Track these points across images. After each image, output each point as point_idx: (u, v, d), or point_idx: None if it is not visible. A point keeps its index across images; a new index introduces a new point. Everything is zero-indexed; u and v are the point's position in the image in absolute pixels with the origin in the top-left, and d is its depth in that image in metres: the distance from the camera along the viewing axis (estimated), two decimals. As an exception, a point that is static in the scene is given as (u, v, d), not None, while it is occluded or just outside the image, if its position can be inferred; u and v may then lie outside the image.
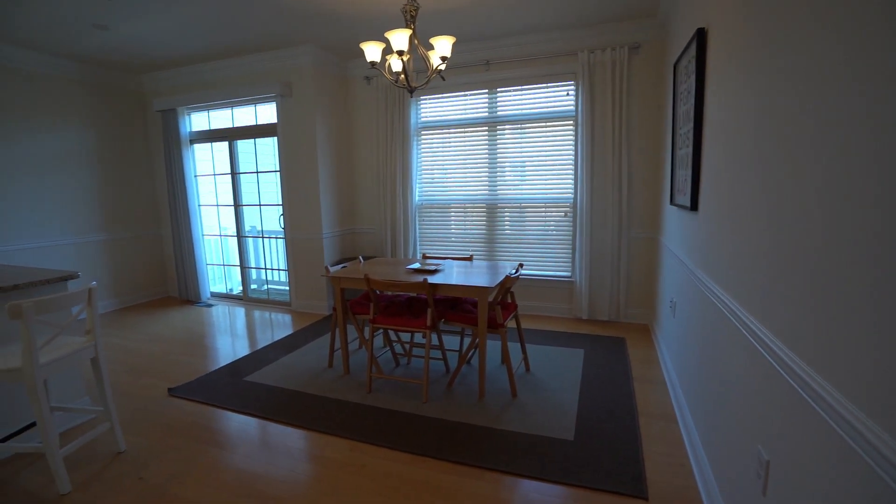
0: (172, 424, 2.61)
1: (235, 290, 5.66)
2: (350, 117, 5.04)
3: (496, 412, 2.63)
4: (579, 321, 4.31)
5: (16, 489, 2.09)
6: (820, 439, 0.99)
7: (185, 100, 4.94)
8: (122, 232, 5.20)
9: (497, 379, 3.07)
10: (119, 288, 5.20)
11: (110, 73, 4.95)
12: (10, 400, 2.39)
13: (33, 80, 4.33)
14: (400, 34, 2.46)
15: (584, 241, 4.16)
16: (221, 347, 3.87)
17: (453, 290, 2.72)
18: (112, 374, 3.34)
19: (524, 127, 4.36)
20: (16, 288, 2.30)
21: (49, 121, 4.46)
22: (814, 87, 1.07)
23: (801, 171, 1.13)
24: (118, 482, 2.12)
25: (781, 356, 1.18)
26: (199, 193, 5.39)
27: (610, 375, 3.08)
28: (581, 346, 3.65)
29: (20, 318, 1.89)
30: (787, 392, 1.16)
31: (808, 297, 1.07)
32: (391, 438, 2.38)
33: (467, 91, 4.50)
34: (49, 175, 4.48)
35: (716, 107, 1.98)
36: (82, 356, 2.18)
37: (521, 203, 4.48)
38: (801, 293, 1.11)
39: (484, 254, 4.70)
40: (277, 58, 4.47)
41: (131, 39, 3.99)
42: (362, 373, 3.21)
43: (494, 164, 4.51)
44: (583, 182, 4.09)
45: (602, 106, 3.98)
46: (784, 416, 1.18)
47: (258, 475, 2.14)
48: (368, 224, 5.17)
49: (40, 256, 4.43)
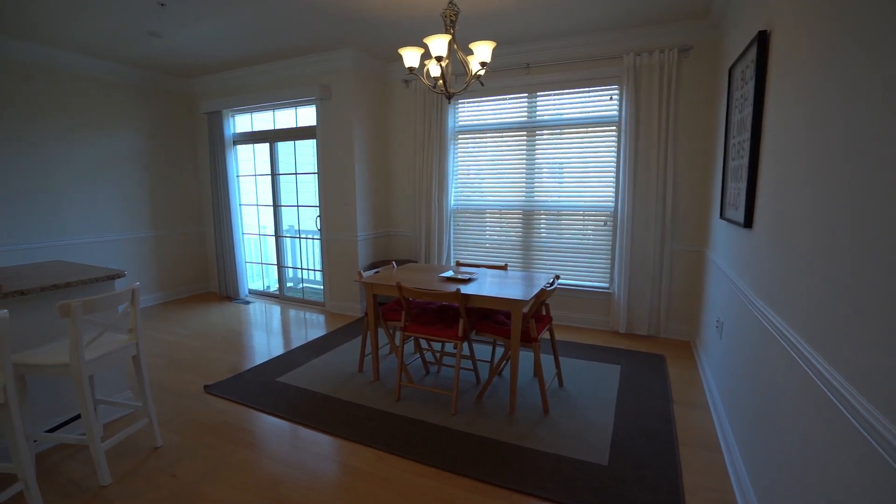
0: (206, 422, 2.68)
1: (272, 288, 5.80)
2: (388, 120, 5.05)
3: (526, 429, 2.54)
4: (616, 335, 4.14)
5: (61, 477, 2.19)
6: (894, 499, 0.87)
7: (229, 102, 5.10)
8: (169, 229, 5.43)
9: (528, 393, 2.98)
10: (164, 282, 5.43)
11: (162, 78, 5.17)
12: (58, 392, 2.51)
13: (92, 85, 4.57)
14: (439, 40, 2.41)
15: (624, 251, 3.99)
16: (257, 346, 3.96)
17: (486, 302, 2.65)
18: (153, 368, 3.47)
19: (564, 132, 4.23)
20: (68, 286, 2.41)
21: (105, 123, 4.70)
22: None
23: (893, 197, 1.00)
24: (153, 477, 2.18)
25: (854, 404, 1.05)
26: (240, 193, 5.55)
27: (648, 395, 2.93)
28: (617, 361, 3.50)
29: (69, 317, 1.97)
30: (859, 443, 1.03)
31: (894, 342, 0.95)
32: (418, 451, 2.34)
33: (506, 95, 4.41)
34: (104, 174, 4.73)
35: (779, 116, 1.83)
36: (125, 354, 2.26)
37: (558, 210, 4.35)
38: (888, 338, 0.98)
39: (519, 261, 4.60)
40: (318, 61, 4.54)
41: (182, 46, 4.15)
42: (392, 379, 3.19)
43: (532, 169, 4.41)
44: (624, 190, 3.93)
45: (648, 111, 3.80)
46: (852, 468, 1.05)
47: (284, 480, 2.15)
48: (403, 228, 5.17)
49: (94, 251, 4.68)
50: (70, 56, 4.29)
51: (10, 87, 3.98)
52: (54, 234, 4.36)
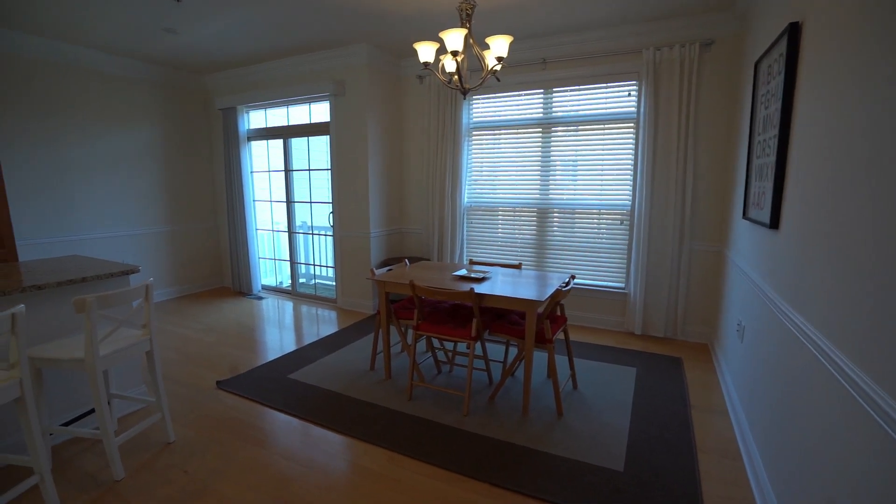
0: (218, 418, 2.68)
1: (285, 284, 5.81)
2: (401, 116, 5.02)
3: (540, 432, 2.50)
4: (632, 336, 4.06)
5: (76, 470, 2.21)
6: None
7: (244, 98, 5.11)
8: (183, 224, 5.48)
9: (542, 394, 2.93)
10: (178, 277, 5.48)
11: (178, 74, 5.20)
12: (74, 385, 2.54)
13: (109, 81, 4.61)
14: (455, 34, 2.37)
15: (641, 250, 3.91)
16: (269, 341, 3.97)
17: (501, 302, 2.61)
18: (167, 362, 3.49)
19: (580, 129, 4.15)
20: (84, 280, 2.43)
21: (122, 119, 4.75)
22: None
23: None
24: (166, 473, 2.19)
25: (887, 409, 0.99)
26: (254, 189, 5.58)
27: (665, 399, 2.86)
28: (633, 363, 3.43)
29: (84, 313, 1.98)
30: (892, 449, 0.97)
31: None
32: (429, 452, 2.31)
33: (521, 91, 4.34)
34: (121, 170, 4.78)
35: (810, 112, 1.75)
36: (139, 349, 2.26)
37: (573, 208, 4.28)
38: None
39: (532, 260, 4.54)
40: (331, 57, 4.52)
41: (197, 42, 4.15)
42: (403, 377, 3.17)
43: (547, 166, 4.34)
44: (642, 188, 3.84)
45: (667, 107, 3.70)
46: (884, 473, 0.99)
47: (294, 478, 2.14)
48: (416, 224, 5.14)
49: (111, 245, 4.74)
50: (88, 52, 4.33)
51: (28, 84, 4.03)
52: (70, 228, 4.41)
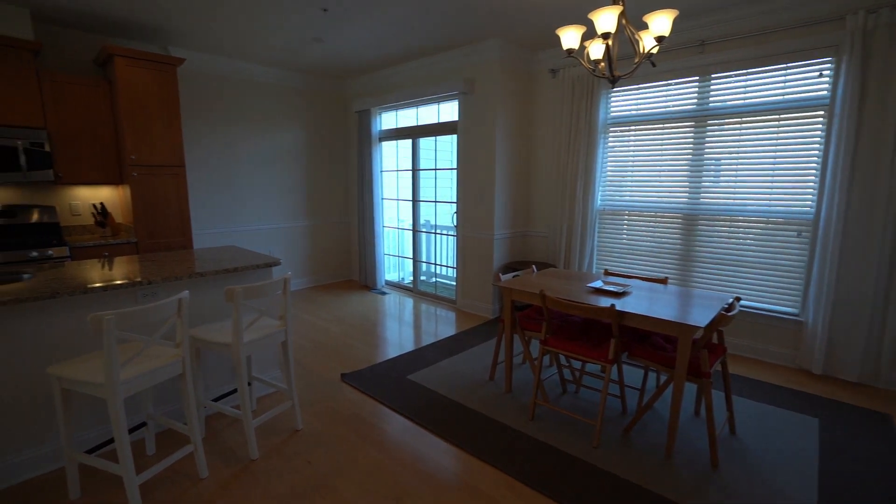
0: (341, 411, 2.74)
1: (406, 281, 5.96)
2: (531, 113, 4.77)
3: (689, 484, 2.07)
4: (808, 375, 3.29)
5: (221, 444, 2.41)
6: None
7: (377, 101, 5.32)
8: (319, 219, 5.92)
9: (689, 435, 2.47)
10: (312, 269, 5.95)
11: (322, 81, 5.63)
12: (222, 366, 2.79)
13: (268, 91, 5.16)
14: (608, 13, 2.06)
15: (828, 270, 3.13)
16: (390, 337, 4.04)
17: (646, 323, 2.23)
18: (298, 349, 3.74)
19: (744, 120, 3.48)
20: (236, 270, 2.65)
21: (277, 124, 5.28)
22: None
23: None
24: (292, 460, 2.27)
25: None
26: (383, 187, 5.80)
27: (869, 468, 2.20)
28: (813, 412, 2.74)
29: (233, 302, 2.12)
30: None
31: None
32: (554, 486, 2.05)
33: (671, 80, 3.79)
34: (273, 170, 5.33)
35: None
36: (275, 339, 2.39)
37: (731, 215, 3.61)
38: None
39: (676, 273, 3.95)
40: (462, 55, 4.45)
41: (339, 49, 4.40)
42: (524, 392, 2.94)
43: (699, 166, 3.73)
44: (833, 193, 3.07)
45: (881, 90, 2.89)
46: None
47: (409, 490, 2.05)
48: (542, 228, 4.85)
49: (260, 237, 5.30)
50: (251, 67, 4.88)
51: (205, 96, 4.67)
52: (233, 221, 5.03)
